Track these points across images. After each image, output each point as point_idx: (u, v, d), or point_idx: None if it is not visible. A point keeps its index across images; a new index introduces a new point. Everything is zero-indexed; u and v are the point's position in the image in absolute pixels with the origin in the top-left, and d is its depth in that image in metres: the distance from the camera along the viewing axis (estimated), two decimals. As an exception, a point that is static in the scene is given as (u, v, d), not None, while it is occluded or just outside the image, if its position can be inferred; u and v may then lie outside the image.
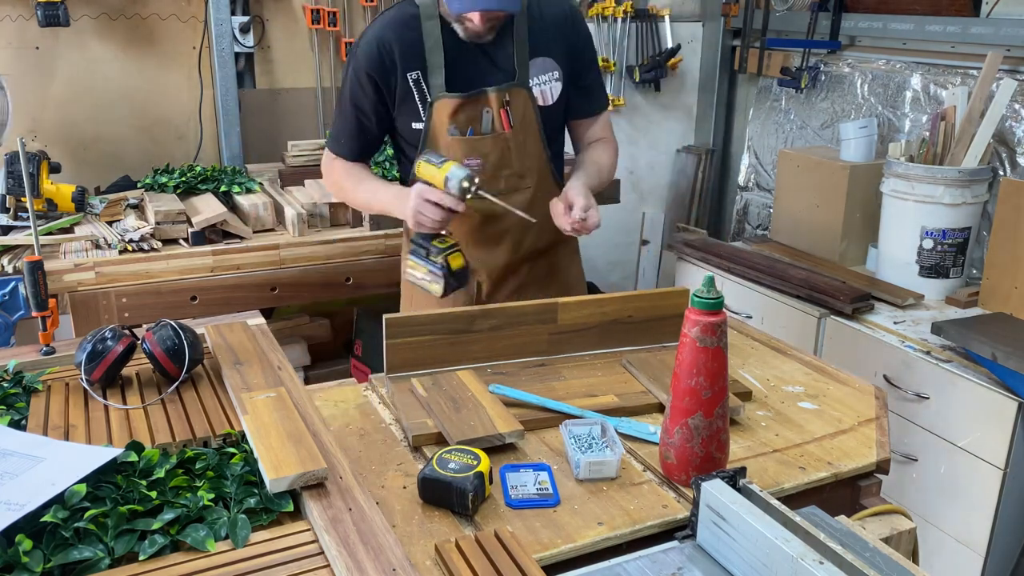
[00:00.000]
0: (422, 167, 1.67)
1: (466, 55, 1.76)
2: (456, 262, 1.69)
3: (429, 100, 1.77)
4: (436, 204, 1.63)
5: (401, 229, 2.65)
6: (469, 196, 1.62)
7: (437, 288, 1.70)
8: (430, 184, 1.66)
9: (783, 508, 0.98)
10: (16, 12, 2.75)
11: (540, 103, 1.81)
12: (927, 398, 2.15)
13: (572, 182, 1.76)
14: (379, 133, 1.88)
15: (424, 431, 1.29)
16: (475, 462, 1.13)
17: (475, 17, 1.64)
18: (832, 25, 3.14)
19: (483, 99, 1.77)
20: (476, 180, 1.62)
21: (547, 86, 1.82)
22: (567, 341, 1.59)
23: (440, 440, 1.28)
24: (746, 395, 1.46)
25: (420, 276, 1.73)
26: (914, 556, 1.22)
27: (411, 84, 1.78)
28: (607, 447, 1.23)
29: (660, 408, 1.40)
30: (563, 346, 1.59)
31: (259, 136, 3.18)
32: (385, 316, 1.45)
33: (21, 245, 2.27)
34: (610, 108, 2.04)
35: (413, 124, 1.82)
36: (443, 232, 1.72)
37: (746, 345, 1.72)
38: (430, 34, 1.75)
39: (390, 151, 2.56)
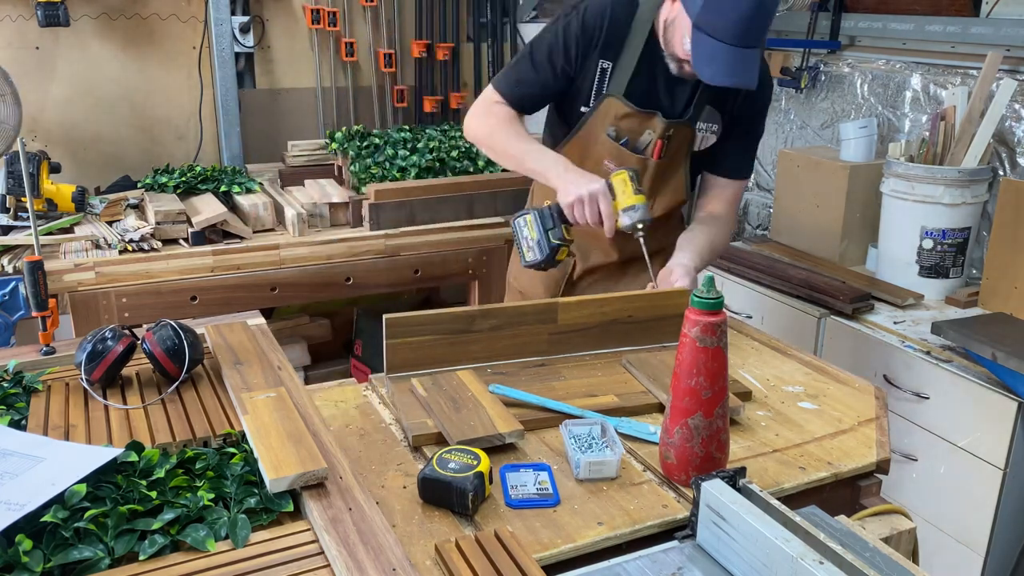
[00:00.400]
0: (622, 177, 1.67)
1: (653, 69, 1.76)
2: (562, 255, 1.70)
3: (604, 92, 1.77)
4: (600, 210, 1.63)
5: (401, 229, 2.66)
6: (627, 232, 1.65)
7: (531, 257, 1.71)
8: (614, 193, 1.66)
9: (783, 508, 0.98)
10: (16, 12, 2.76)
11: (695, 147, 1.83)
12: (927, 398, 2.15)
13: (684, 259, 1.72)
14: (558, 92, 1.82)
15: (424, 431, 1.29)
16: (475, 462, 1.13)
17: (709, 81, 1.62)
18: (832, 25, 3.14)
19: (651, 120, 1.77)
20: (645, 228, 1.64)
21: (704, 134, 1.83)
22: (567, 341, 1.59)
23: (440, 440, 1.28)
24: (746, 395, 1.46)
25: (526, 235, 1.71)
26: (914, 556, 1.22)
27: (598, 70, 1.77)
28: (607, 447, 1.23)
29: (660, 408, 1.40)
30: (563, 346, 1.59)
31: (259, 136, 3.19)
32: (385, 316, 1.45)
33: (21, 245, 2.27)
34: (747, 184, 1.96)
35: (581, 107, 1.81)
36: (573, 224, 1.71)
37: (746, 345, 1.72)
38: (638, 33, 1.74)
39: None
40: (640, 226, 1.64)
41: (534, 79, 1.80)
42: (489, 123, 1.83)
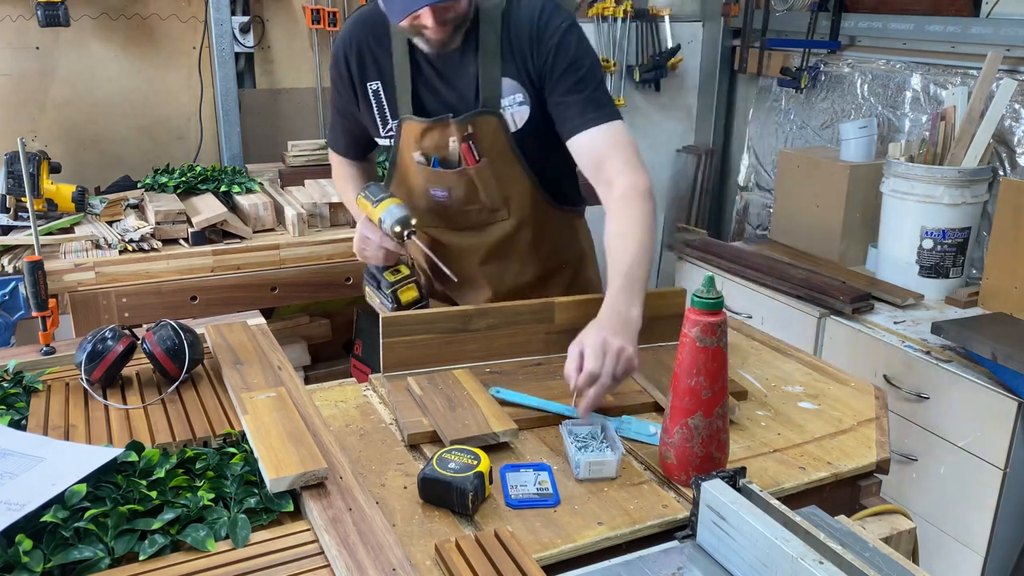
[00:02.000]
0: (360, 200, 1.62)
1: (436, 71, 1.61)
2: (407, 295, 1.64)
3: (392, 118, 1.65)
4: (373, 240, 1.61)
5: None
6: (405, 239, 1.56)
7: (387, 310, 1.65)
8: (371, 216, 1.59)
9: (783, 508, 0.98)
10: (16, 12, 2.75)
11: (512, 129, 1.61)
12: (927, 398, 2.15)
13: (589, 330, 1.36)
14: (360, 132, 1.76)
15: (419, 429, 1.29)
16: (475, 462, 1.13)
17: (426, 19, 1.44)
18: (832, 25, 3.14)
19: (447, 127, 1.60)
20: (412, 223, 1.55)
21: (512, 110, 1.60)
22: (564, 340, 1.58)
23: (435, 439, 1.28)
24: (741, 394, 1.45)
25: (376, 304, 1.71)
26: (914, 556, 1.22)
27: (370, 93, 1.65)
28: (607, 447, 1.23)
29: (656, 407, 1.40)
30: (560, 345, 1.58)
31: (259, 136, 3.18)
32: (382, 315, 1.46)
33: (21, 245, 2.27)
34: (614, 124, 1.56)
35: (377, 137, 1.72)
36: (396, 264, 1.67)
37: (746, 345, 1.72)
38: (399, 44, 1.60)
39: None
40: (398, 228, 1.54)
41: (342, 127, 1.81)
42: (337, 187, 1.92)
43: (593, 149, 1.56)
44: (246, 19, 3.05)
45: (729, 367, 1.17)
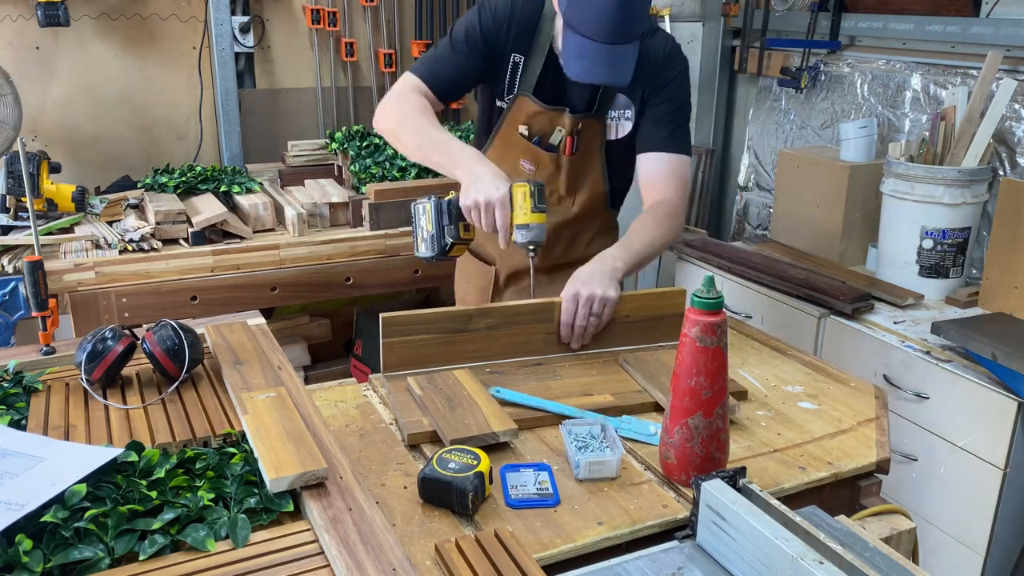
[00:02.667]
0: (523, 191, 1.54)
1: (561, 68, 1.71)
2: (457, 251, 1.61)
3: (516, 91, 1.79)
4: (496, 221, 1.53)
5: (401, 229, 2.66)
6: (521, 248, 1.55)
7: (423, 251, 1.60)
8: (513, 205, 1.54)
9: (783, 508, 0.98)
10: (16, 12, 2.76)
11: (610, 137, 1.83)
12: (927, 398, 2.15)
13: (604, 261, 1.62)
14: (476, 77, 1.81)
15: (419, 429, 1.29)
16: (475, 462, 1.13)
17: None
18: (832, 25, 3.14)
19: (560, 117, 1.80)
20: (536, 251, 1.57)
21: (617, 122, 1.83)
22: (564, 340, 1.59)
23: (435, 439, 1.28)
24: (741, 394, 1.45)
25: (423, 225, 1.60)
26: (914, 556, 1.22)
27: (511, 64, 1.78)
28: (607, 447, 1.23)
29: (656, 407, 1.40)
30: (560, 345, 1.59)
31: (259, 136, 3.19)
32: (381, 315, 1.45)
33: (21, 245, 2.27)
34: (682, 158, 1.82)
35: (496, 101, 1.84)
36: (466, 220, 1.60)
37: (746, 345, 1.72)
38: (544, 31, 1.75)
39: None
40: (532, 247, 1.55)
41: (453, 61, 1.76)
42: (400, 113, 1.74)
43: (656, 169, 1.80)
44: (246, 19, 3.05)
45: (729, 367, 1.17)
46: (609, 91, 1.79)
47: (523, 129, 1.81)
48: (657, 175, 1.79)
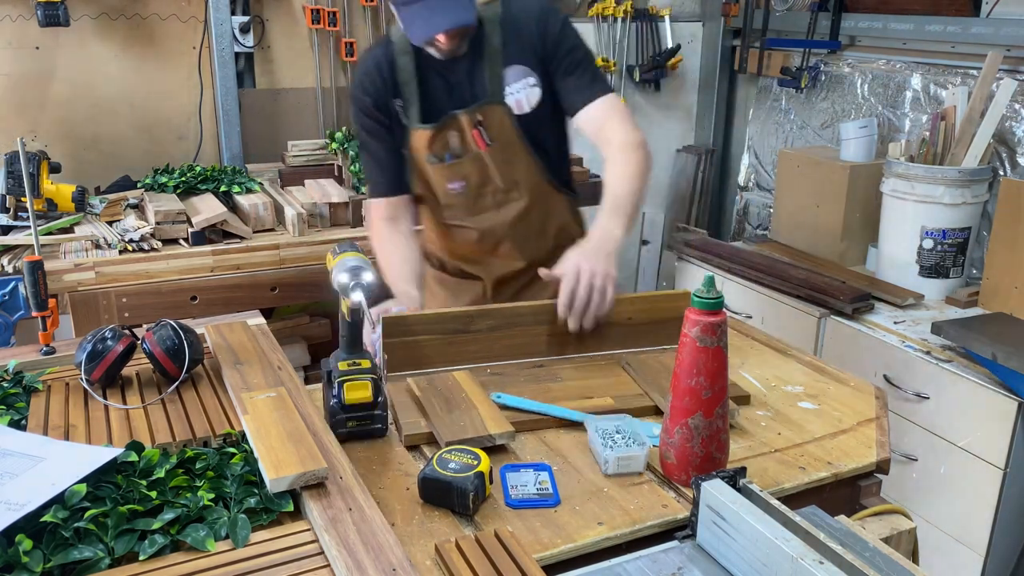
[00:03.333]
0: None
1: (443, 81, 1.77)
2: (356, 392, 1.28)
3: (407, 130, 1.80)
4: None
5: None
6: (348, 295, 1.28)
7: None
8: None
9: (783, 508, 0.98)
10: (16, 12, 2.75)
11: (517, 112, 1.76)
12: (927, 398, 2.15)
13: (594, 233, 1.62)
14: (395, 159, 1.84)
15: (417, 430, 1.29)
16: (475, 462, 1.13)
17: (440, 37, 1.64)
18: (832, 25, 3.14)
19: (454, 124, 1.76)
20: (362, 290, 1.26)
21: (522, 94, 1.77)
22: (565, 342, 1.59)
23: (432, 440, 1.28)
24: (744, 399, 1.45)
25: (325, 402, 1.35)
26: (914, 556, 1.22)
27: (397, 110, 1.79)
28: (634, 442, 1.23)
29: (656, 411, 1.40)
30: (561, 347, 1.59)
31: (259, 136, 3.18)
32: (383, 316, 1.45)
33: (21, 245, 2.27)
34: (610, 95, 1.78)
35: (403, 152, 1.83)
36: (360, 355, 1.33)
37: (746, 345, 1.72)
38: (404, 68, 1.76)
39: None
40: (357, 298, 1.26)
41: (377, 159, 1.84)
42: (374, 248, 1.87)
43: (595, 118, 1.77)
44: (246, 19, 3.05)
45: (729, 367, 1.17)
46: (494, 76, 1.74)
47: (430, 157, 1.79)
48: (600, 121, 1.76)
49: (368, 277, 1.24)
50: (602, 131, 1.76)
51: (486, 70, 1.75)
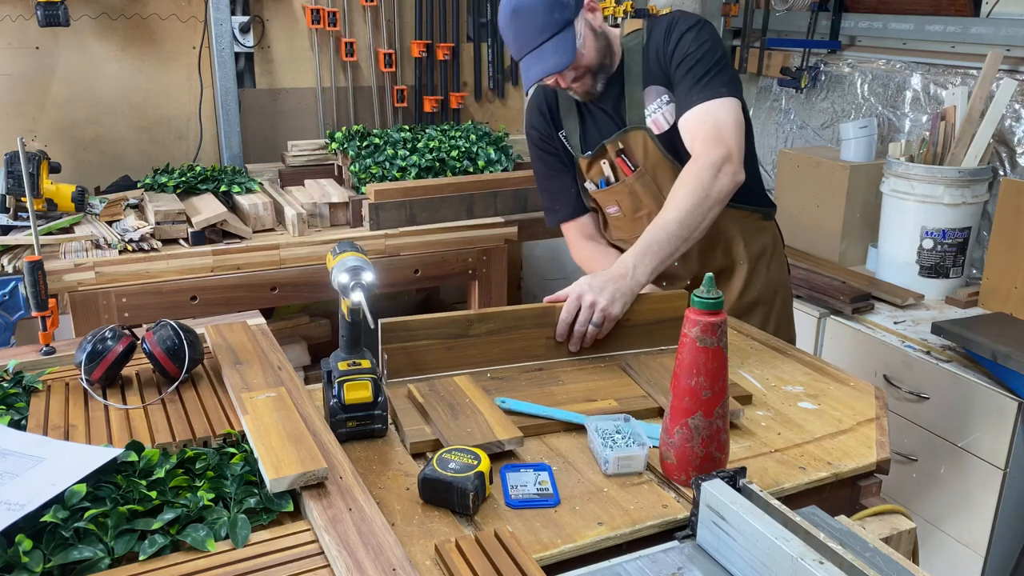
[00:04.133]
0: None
1: (601, 112, 1.84)
2: (356, 392, 1.28)
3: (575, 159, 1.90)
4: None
5: (401, 229, 2.66)
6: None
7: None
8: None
9: (783, 508, 0.98)
10: (16, 12, 2.76)
11: (657, 132, 1.77)
12: (927, 398, 2.15)
13: (623, 261, 1.57)
14: (573, 187, 1.94)
15: (422, 438, 1.27)
16: (475, 462, 1.13)
17: (556, 81, 1.73)
18: (832, 25, 3.14)
19: (603, 153, 1.84)
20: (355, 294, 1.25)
21: (659, 113, 1.78)
22: (564, 345, 1.58)
23: (438, 447, 1.27)
24: (746, 399, 1.45)
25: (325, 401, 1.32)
26: (914, 556, 1.22)
27: (564, 142, 1.92)
28: (634, 442, 1.23)
29: (660, 412, 1.40)
30: (561, 350, 1.58)
31: (259, 136, 3.19)
32: (381, 321, 1.44)
33: (21, 245, 2.27)
34: (708, 103, 1.65)
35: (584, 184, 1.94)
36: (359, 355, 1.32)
37: (746, 345, 1.72)
38: (566, 102, 1.88)
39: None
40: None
41: (556, 185, 1.95)
42: (591, 266, 1.88)
43: (688, 129, 1.68)
44: (246, 19, 3.05)
45: (729, 367, 1.17)
46: (633, 102, 1.78)
47: (590, 185, 1.90)
48: (691, 134, 1.67)
49: (368, 277, 1.25)
50: (693, 148, 1.65)
51: (627, 97, 1.80)
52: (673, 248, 1.57)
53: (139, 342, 1.36)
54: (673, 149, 1.77)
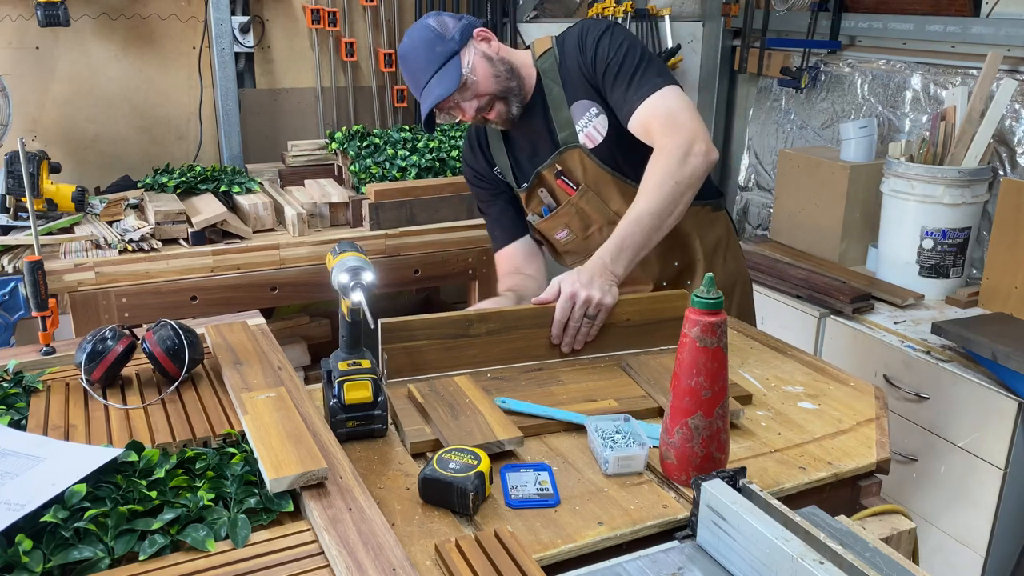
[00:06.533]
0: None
1: (528, 142, 1.84)
2: (355, 392, 1.28)
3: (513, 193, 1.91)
4: None
5: (401, 230, 2.66)
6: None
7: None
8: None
9: (783, 508, 0.98)
10: (16, 12, 2.75)
11: (592, 146, 1.76)
12: (927, 398, 2.15)
13: (591, 262, 1.57)
14: (511, 211, 1.93)
15: (422, 438, 1.27)
16: (475, 462, 1.13)
17: (458, 114, 1.75)
18: (832, 25, 3.14)
19: (540, 181, 1.83)
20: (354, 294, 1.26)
21: (590, 127, 1.76)
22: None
23: (438, 447, 1.27)
24: (746, 398, 1.45)
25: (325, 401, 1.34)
26: (914, 556, 1.22)
27: (499, 177, 1.92)
28: (634, 442, 1.23)
29: (660, 412, 1.40)
30: (560, 350, 1.58)
31: (259, 136, 3.18)
32: (381, 321, 1.44)
33: (21, 245, 2.27)
34: (651, 97, 1.64)
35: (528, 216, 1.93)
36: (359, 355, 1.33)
37: (746, 345, 1.72)
38: (494, 137, 1.89)
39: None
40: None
41: (496, 213, 1.95)
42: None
43: (643, 127, 1.66)
44: (246, 19, 3.05)
45: (729, 367, 1.17)
46: (562, 122, 1.77)
47: (531, 217, 1.89)
48: (646, 130, 1.65)
49: (368, 277, 1.25)
50: (652, 141, 1.64)
51: (555, 119, 1.78)
52: (646, 238, 1.58)
53: (139, 342, 1.36)
54: (611, 160, 1.77)
